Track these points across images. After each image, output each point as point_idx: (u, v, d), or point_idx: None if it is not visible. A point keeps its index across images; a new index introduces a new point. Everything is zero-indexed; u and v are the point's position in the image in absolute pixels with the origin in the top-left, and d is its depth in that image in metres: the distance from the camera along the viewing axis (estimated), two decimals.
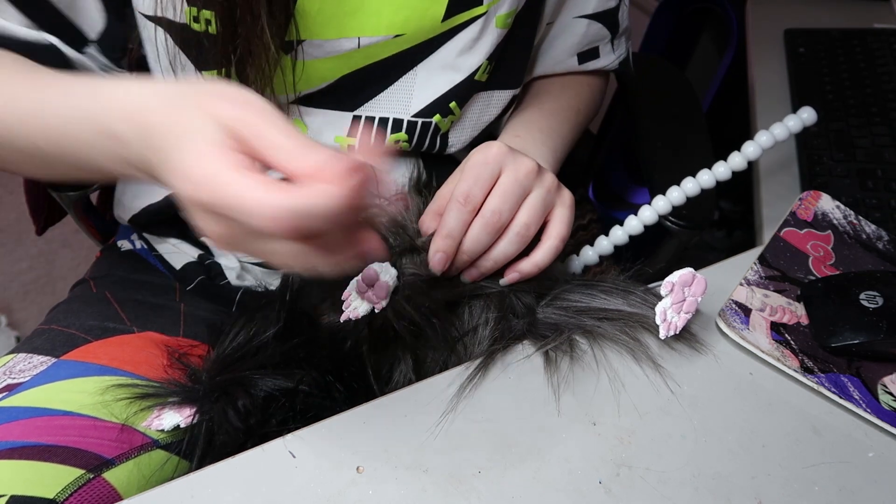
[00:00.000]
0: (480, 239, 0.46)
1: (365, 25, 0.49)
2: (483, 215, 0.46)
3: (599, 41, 0.65)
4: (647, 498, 0.41)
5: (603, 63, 0.67)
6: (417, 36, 0.52)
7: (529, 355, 0.48)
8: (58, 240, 1.61)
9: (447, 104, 0.56)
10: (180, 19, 0.46)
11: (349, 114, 0.55)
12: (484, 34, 0.53)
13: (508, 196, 0.46)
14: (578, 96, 0.67)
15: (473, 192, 0.46)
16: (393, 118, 0.55)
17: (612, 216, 1.33)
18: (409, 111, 0.55)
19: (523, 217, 0.47)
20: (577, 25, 0.63)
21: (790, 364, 0.48)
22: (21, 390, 0.50)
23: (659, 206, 0.56)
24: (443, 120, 0.56)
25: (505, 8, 0.53)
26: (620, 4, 0.64)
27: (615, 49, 0.67)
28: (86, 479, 0.47)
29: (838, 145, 0.69)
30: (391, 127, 0.55)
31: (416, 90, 0.54)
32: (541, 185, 0.48)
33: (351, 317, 0.46)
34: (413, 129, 0.56)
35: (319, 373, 0.48)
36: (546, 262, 0.48)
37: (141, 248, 0.67)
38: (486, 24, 0.53)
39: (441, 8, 0.50)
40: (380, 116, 0.55)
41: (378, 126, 0.55)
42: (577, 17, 0.63)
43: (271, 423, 0.46)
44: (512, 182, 0.46)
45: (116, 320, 0.59)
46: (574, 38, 0.64)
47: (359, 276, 0.45)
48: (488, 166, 0.46)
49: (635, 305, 0.49)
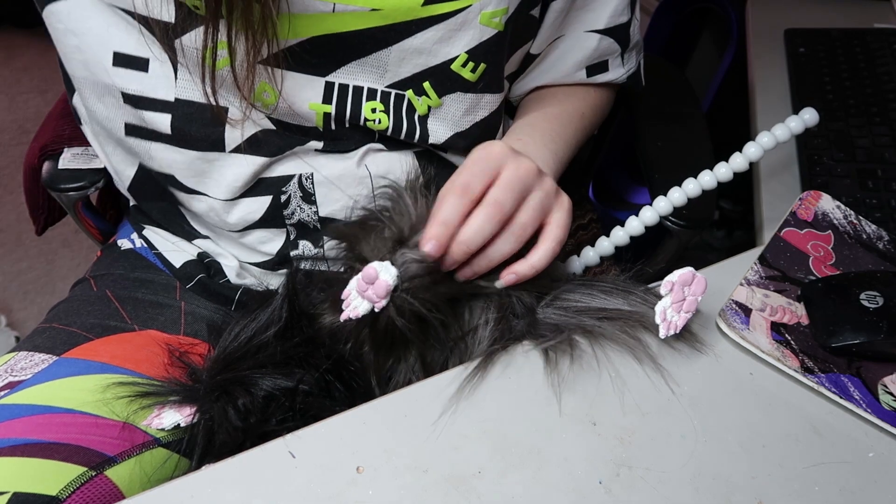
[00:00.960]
0: (483, 228, 0.45)
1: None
2: (485, 205, 0.45)
3: (609, 55, 0.65)
4: (647, 498, 0.41)
5: (611, 77, 0.67)
6: (395, 15, 0.51)
7: (527, 351, 0.48)
8: (58, 240, 1.61)
9: (420, 83, 0.55)
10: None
11: (321, 79, 0.54)
12: (465, 27, 0.53)
13: (510, 189, 0.45)
14: (584, 101, 0.67)
15: (472, 184, 0.45)
16: (367, 87, 0.55)
17: (612, 216, 1.33)
18: (383, 82, 0.55)
19: (522, 217, 0.46)
20: (589, 40, 0.63)
21: (790, 364, 0.48)
22: (22, 388, 0.50)
23: (660, 206, 0.56)
24: (416, 99, 0.56)
25: (491, 6, 0.52)
26: (632, 19, 0.64)
27: (625, 63, 0.67)
28: (88, 476, 0.47)
29: (838, 145, 0.69)
30: (366, 95, 0.55)
31: (389, 65, 0.54)
32: (540, 187, 0.47)
33: (351, 316, 0.46)
34: (387, 101, 0.55)
35: (319, 372, 0.48)
36: (542, 266, 0.48)
37: (141, 247, 0.67)
38: (468, 18, 0.52)
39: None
40: (354, 84, 0.54)
41: (353, 94, 0.54)
42: (588, 31, 0.62)
43: (271, 423, 0.46)
44: (513, 177, 0.46)
45: (117, 318, 0.59)
46: (584, 53, 0.64)
47: (359, 275, 0.44)
48: (489, 161, 0.46)
49: (635, 305, 0.49)
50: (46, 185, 0.71)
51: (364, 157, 0.58)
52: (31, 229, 0.76)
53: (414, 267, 0.45)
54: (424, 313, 0.45)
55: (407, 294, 0.45)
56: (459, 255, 0.45)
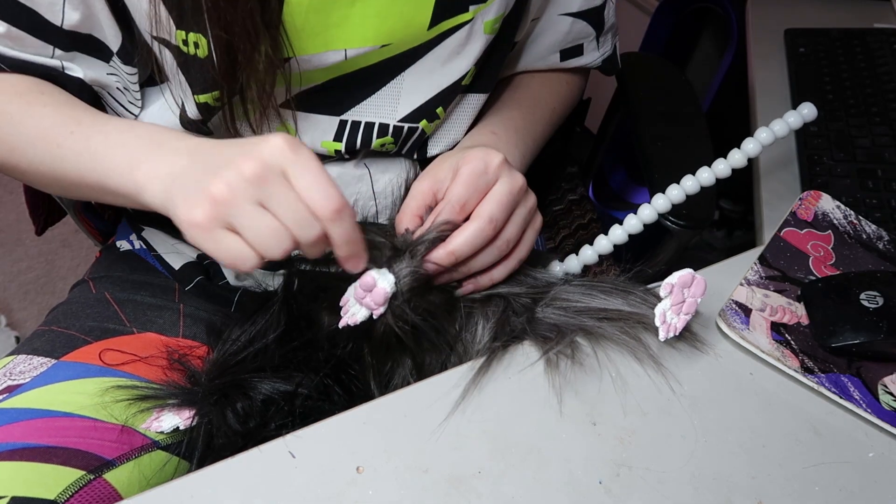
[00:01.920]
0: (475, 242, 0.46)
1: (351, 37, 0.49)
2: (479, 219, 0.46)
3: (584, 38, 0.65)
4: (647, 498, 0.41)
5: (585, 61, 0.66)
6: (404, 44, 0.51)
7: (528, 352, 0.48)
8: (57, 240, 1.61)
9: (434, 109, 0.55)
10: (174, 41, 0.46)
11: (336, 118, 0.54)
12: (471, 40, 0.53)
13: (503, 207, 0.47)
14: (557, 95, 0.67)
15: (469, 202, 0.47)
16: (379, 122, 0.55)
17: (612, 216, 1.33)
18: (395, 116, 0.55)
19: (507, 232, 0.48)
20: (562, 23, 0.62)
21: (790, 364, 0.48)
22: (21, 392, 0.50)
23: (659, 204, 0.56)
24: (429, 125, 0.56)
25: (492, 13, 0.53)
26: (607, 2, 0.64)
27: (600, 46, 0.66)
28: (86, 479, 0.47)
29: (838, 145, 0.69)
30: (377, 132, 0.55)
31: (402, 95, 0.54)
32: (525, 204, 0.49)
33: (349, 322, 0.46)
34: (399, 134, 0.56)
35: (318, 376, 0.48)
36: (500, 280, 0.50)
37: (140, 249, 0.67)
38: (473, 31, 0.53)
39: (426, 16, 0.50)
40: (366, 121, 0.55)
41: (364, 131, 0.55)
42: (562, 15, 0.62)
43: (270, 427, 0.46)
44: (506, 193, 0.47)
45: (116, 321, 0.59)
46: (557, 36, 0.63)
47: (356, 282, 0.44)
48: (486, 176, 0.47)
49: (635, 305, 0.49)
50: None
51: (363, 157, 0.58)
52: (31, 229, 0.76)
53: (409, 274, 0.45)
54: (419, 322, 0.46)
55: (404, 301, 0.45)
56: (447, 262, 0.46)
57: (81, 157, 0.45)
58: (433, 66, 0.54)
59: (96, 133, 0.45)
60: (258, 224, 0.39)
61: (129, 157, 0.43)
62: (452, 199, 0.46)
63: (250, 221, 0.39)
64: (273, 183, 0.39)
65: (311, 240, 0.40)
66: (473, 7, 0.51)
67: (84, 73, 0.51)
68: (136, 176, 0.42)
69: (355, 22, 0.48)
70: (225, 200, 0.38)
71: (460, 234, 0.46)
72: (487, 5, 0.52)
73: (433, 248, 0.46)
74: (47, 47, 0.49)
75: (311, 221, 0.39)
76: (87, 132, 0.46)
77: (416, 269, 0.45)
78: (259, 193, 0.39)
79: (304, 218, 0.39)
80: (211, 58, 0.45)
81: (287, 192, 0.39)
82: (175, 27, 0.45)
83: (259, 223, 0.39)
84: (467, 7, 0.51)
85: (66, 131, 0.46)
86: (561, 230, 0.83)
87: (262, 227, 0.39)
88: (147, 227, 0.66)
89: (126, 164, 0.43)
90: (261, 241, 0.39)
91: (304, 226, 0.39)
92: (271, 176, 0.39)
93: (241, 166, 0.38)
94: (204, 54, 0.46)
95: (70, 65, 0.50)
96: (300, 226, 0.39)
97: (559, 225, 0.84)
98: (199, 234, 0.39)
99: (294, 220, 0.39)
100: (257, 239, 0.39)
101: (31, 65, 0.49)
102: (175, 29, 0.46)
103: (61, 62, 0.50)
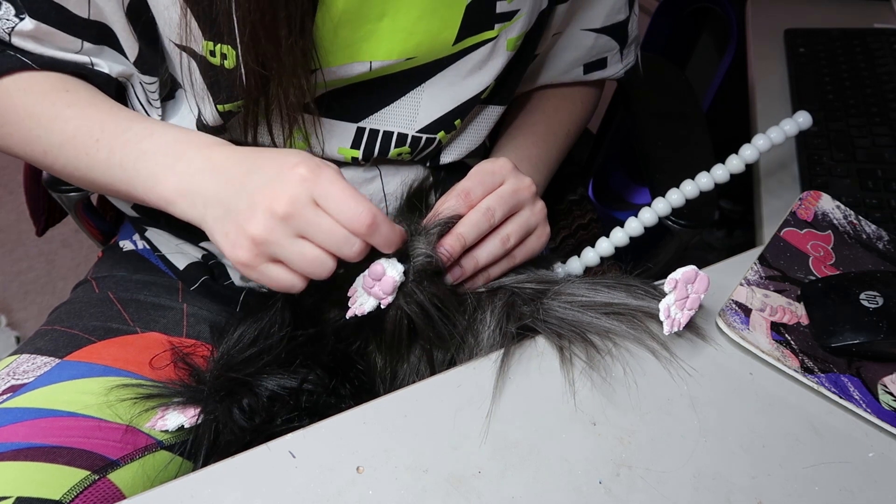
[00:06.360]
0: (469, 231, 0.48)
1: (377, 50, 0.49)
2: (476, 209, 0.48)
3: (607, 52, 0.65)
4: (647, 498, 0.41)
5: (609, 73, 0.67)
6: (428, 57, 0.52)
7: (528, 351, 0.48)
8: (58, 240, 1.61)
9: (452, 121, 0.56)
10: (200, 51, 0.47)
11: (354, 125, 0.54)
12: (493, 56, 0.54)
13: (503, 202, 0.49)
14: (571, 115, 0.67)
15: (473, 191, 0.49)
16: (397, 132, 0.55)
17: (612, 216, 1.33)
18: (413, 126, 0.55)
19: (507, 228, 0.50)
20: (585, 38, 0.63)
21: (790, 364, 0.48)
22: (25, 391, 0.50)
23: (658, 207, 0.56)
24: (446, 136, 0.57)
25: (516, 31, 0.53)
26: (630, 15, 0.64)
27: (623, 59, 0.67)
28: (91, 480, 0.47)
29: (838, 145, 0.69)
30: (395, 141, 0.55)
31: (422, 106, 0.54)
32: (531, 207, 0.51)
33: (357, 313, 0.46)
34: (417, 144, 0.56)
35: (324, 371, 0.48)
36: (495, 278, 0.52)
37: (143, 249, 0.67)
38: (497, 47, 0.53)
39: (453, 32, 0.50)
40: (384, 130, 0.55)
41: (382, 139, 0.55)
42: (585, 30, 0.62)
43: (276, 422, 0.46)
44: (510, 191, 0.49)
45: (119, 321, 0.59)
46: (581, 52, 0.64)
47: (365, 271, 0.45)
48: (493, 175, 0.49)
49: (640, 298, 0.50)
50: (47, 185, 0.71)
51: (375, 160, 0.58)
52: (31, 229, 0.76)
53: (422, 255, 0.46)
54: (430, 308, 0.46)
55: (414, 289, 0.45)
56: (457, 245, 0.48)
57: (109, 166, 0.47)
58: (454, 80, 0.54)
59: (120, 144, 0.47)
60: (300, 253, 0.42)
61: (151, 171, 0.45)
62: (458, 188, 0.49)
63: (292, 255, 0.42)
64: (305, 214, 0.41)
65: (352, 255, 0.42)
66: (499, 25, 0.52)
67: (111, 67, 0.52)
68: (161, 191, 0.45)
69: (383, 36, 0.49)
70: (265, 241, 0.41)
71: (464, 221, 0.48)
72: (512, 23, 0.52)
73: (445, 232, 0.47)
74: (76, 41, 0.50)
75: (349, 239, 0.42)
76: (111, 142, 0.47)
77: (429, 254, 0.46)
78: (295, 227, 0.41)
79: (342, 239, 0.41)
80: (238, 69, 0.46)
81: (321, 219, 0.41)
82: (203, 37, 0.46)
83: (301, 253, 0.42)
84: (493, 25, 0.51)
85: (92, 140, 0.48)
86: (561, 230, 0.83)
87: (304, 255, 0.42)
88: (150, 227, 0.66)
89: (150, 176, 0.45)
90: (306, 267, 0.42)
91: (344, 245, 0.42)
92: (302, 208, 0.41)
93: (272, 206, 0.41)
94: (231, 65, 0.46)
95: (98, 60, 0.51)
96: (340, 246, 0.42)
97: (559, 225, 0.84)
98: (246, 270, 0.43)
99: (334, 243, 0.42)
100: (302, 267, 0.42)
101: (60, 62, 0.50)
102: (203, 39, 0.46)
103: (90, 58, 0.51)
